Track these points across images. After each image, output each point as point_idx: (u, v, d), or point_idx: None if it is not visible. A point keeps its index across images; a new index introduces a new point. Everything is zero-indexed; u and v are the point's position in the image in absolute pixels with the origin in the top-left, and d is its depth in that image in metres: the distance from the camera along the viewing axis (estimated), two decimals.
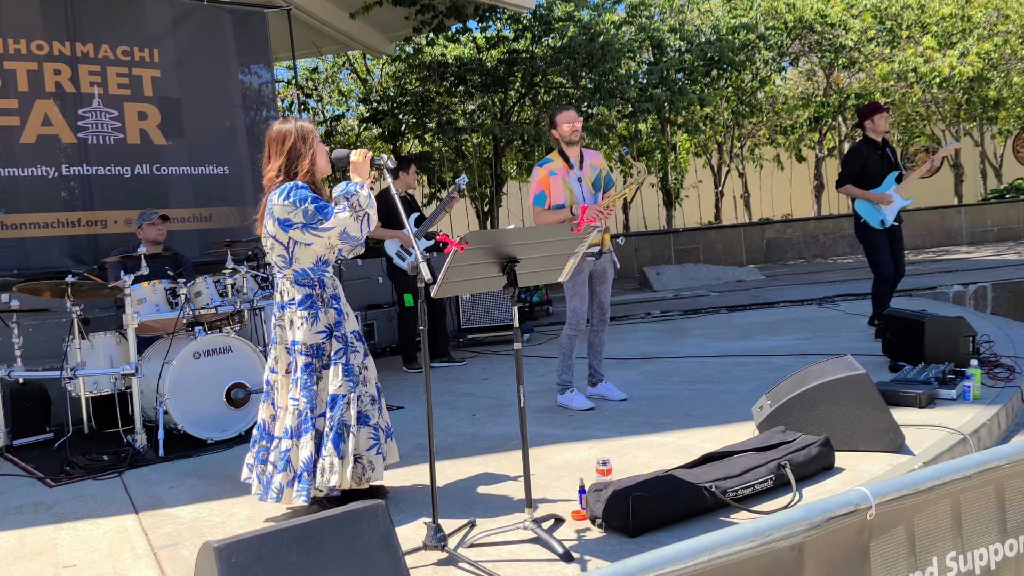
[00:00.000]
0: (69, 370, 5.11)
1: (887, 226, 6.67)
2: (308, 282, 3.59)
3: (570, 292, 5.24)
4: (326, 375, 3.57)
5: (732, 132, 19.93)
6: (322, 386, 3.56)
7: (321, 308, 3.58)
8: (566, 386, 5.33)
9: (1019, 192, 18.36)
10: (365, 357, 3.68)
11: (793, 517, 1.56)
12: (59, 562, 3.35)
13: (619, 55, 13.85)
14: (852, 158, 6.80)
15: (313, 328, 3.56)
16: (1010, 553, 1.87)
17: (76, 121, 7.35)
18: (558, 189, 5.20)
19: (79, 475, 4.59)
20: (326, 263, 3.64)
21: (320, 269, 3.62)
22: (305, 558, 2.21)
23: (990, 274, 10.86)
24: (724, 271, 13.77)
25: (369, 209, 3.54)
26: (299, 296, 3.59)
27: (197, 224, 8.07)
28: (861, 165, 6.71)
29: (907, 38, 16.55)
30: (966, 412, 4.38)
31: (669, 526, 3.14)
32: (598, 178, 5.31)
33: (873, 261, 6.78)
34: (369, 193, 3.56)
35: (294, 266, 3.60)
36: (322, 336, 3.56)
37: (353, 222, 3.51)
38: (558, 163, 5.23)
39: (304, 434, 3.52)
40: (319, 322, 3.56)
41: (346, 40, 11.31)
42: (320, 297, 3.58)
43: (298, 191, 3.53)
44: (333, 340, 3.58)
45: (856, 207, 6.76)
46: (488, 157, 16.16)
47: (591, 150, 5.44)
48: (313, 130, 3.67)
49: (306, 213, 3.50)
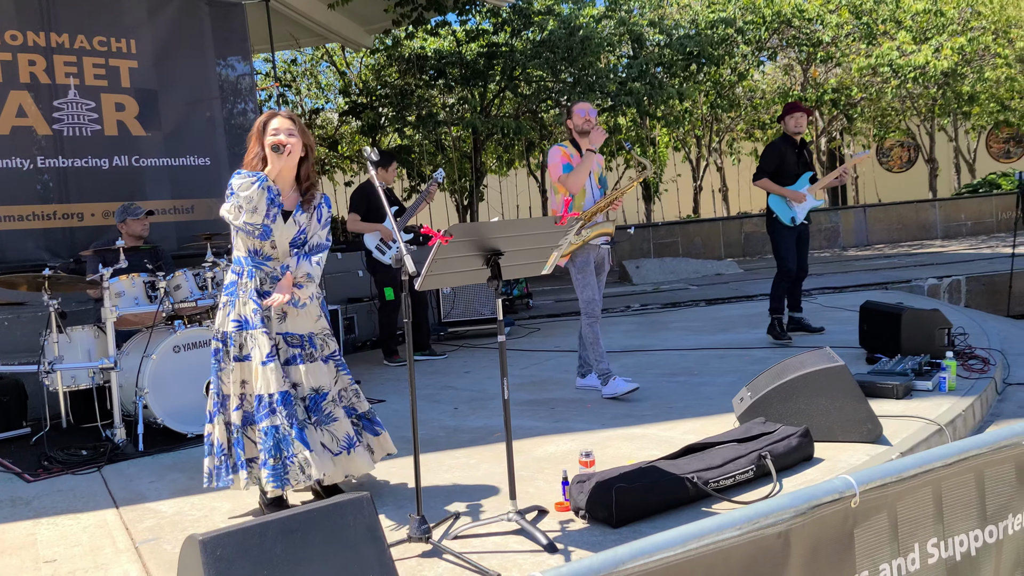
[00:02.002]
0: (46, 364, 5.05)
1: (797, 224, 6.67)
2: (238, 269, 3.55)
3: (580, 283, 5.28)
4: (238, 367, 3.48)
5: (710, 126, 20.03)
6: (234, 377, 3.49)
7: (240, 297, 3.50)
8: (606, 375, 5.23)
9: (992, 187, 18.60)
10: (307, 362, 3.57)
11: (780, 504, 1.58)
12: (39, 557, 3.32)
13: (599, 49, 13.88)
14: (770, 153, 6.79)
15: (227, 315, 3.52)
16: (989, 539, 1.90)
17: (51, 112, 7.25)
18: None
19: (57, 470, 4.54)
20: (266, 258, 3.54)
21: (253, 260, 3.53)
22: (290, 550, 2.21)
23: (964, 267, 11.01)
24: (703, 264, 13.85)
25: (244, 203, 3.37)
26: (228, 280, 3.57)
27: (176, 216, 8.00)
28: (779, 161, 6.69)
29: (883, 33, 16.71)
30: (942, 403, 4.44)
31: (652, 517, 3.17)
32: (601, 176, 5.41)
33: (779, 255, 6.77)
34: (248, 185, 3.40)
35: (233, 252, 3.60)
36: (234, 325, 3.50)
37: (234, 212, 3.41)
38: (570, 151, 5.32)
39: (213, 418, 3.53)
40: (234, 311, 3.51)
41: (325, 32, 11.24)
42: (242, 286, 3.51)
43: (236, 175, 3.49)
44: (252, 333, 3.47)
45: (769, 202, 6.74)
46: (468, 151, 16.14)
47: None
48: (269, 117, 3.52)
49: (227, 196, 3.47)
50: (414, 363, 3.38)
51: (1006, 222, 16.64)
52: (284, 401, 3.41)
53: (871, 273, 11.37)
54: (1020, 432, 2.00)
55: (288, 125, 3.53)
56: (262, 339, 3.44)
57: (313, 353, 3.62)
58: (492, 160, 19.98)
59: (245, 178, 3.43)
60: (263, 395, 3.42)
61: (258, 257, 3.54)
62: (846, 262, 13.64)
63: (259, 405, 3.43)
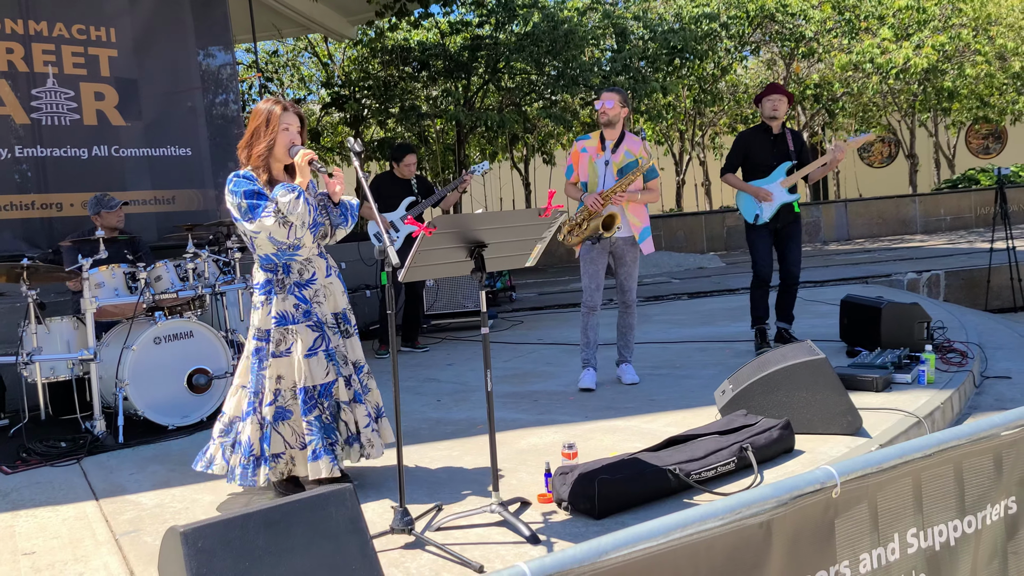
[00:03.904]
0: (25, 355, 5.00)
1: (761, 222, 5.96)
2: (271, 267, 3.56)
3: (581, 271, 5.37)
4: (275, 363, 3.51)
5: (694, 120, 20.09)
6: (270, 373, 3.51)
7: (279, 295, 3.52)
8: (585, 364, 5.38)
9: (971, 182, 18.78)
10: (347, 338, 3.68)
11: (762, 495, 1.59)
12: (17, 549, 3.29)
13: (583, 42, 13.88)
14: (735, 146, 6.12)
15: (268, 313, 3.53)
16: (968, 530, 1.93)
17: (30, 101, 7.17)
18: (584, 167, 5.30)
19: (36, 462, 4.50)
20: (295, 249, 3.56)
21: (286, 254, 3.56)
22: (273, 542, 2.20)
23: (943, 262, 11.11)
24: (685, 258, 13.90)
25: (292, 217, 3.41)
26: (261, 279, 3.58)
27: (157, 207, 7.93)
28: (744, 153, 6.03)
29: (865, 29, 16.80)
30: (921, 396, 4.48)
31: (634, 508, 3.18)
32: (628, 165, 5.21)
33: (751, 257, 6.10)
34: (293, 199, 3.41)
35: (257, 252, 3.59)
36: (274, 321, 3.52)
37: (278, 228, 3.43)
38: (593, 142, 5.30)
39: (247, 417, 3.55)
40: (273, 308, 3.52)
41: (307, 23, 11.17)
42: (280, 283, 3.54)
43: (239, 182, 3.48)
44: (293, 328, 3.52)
45: (736, 198, 6.14)
46: (451, 143, 16.10)
47: (636, 136, 5.32)
48: (279, 115, 3.52)
49: (239, 208, 3.46)
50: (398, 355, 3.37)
51: (984, 217, 16.79)
52: (325, 392, 3.54)
53: (852, 267, 11.46)
54: (998, 424, 2.02)
55: (298, 125, 3.58)
56: (305, 332, 3.51)
57: (349, 329, 3.71)
58: (476, 153, 19.95)
59: (288, 193, 3.43)
60: (308, 387, 3.50)
61: (289, 251, 3.56)
62: (827, 256, 13.73)
63: (305, 397, 3.50)
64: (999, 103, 19.27)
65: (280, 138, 3.53)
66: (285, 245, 3.52)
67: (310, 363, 3.50)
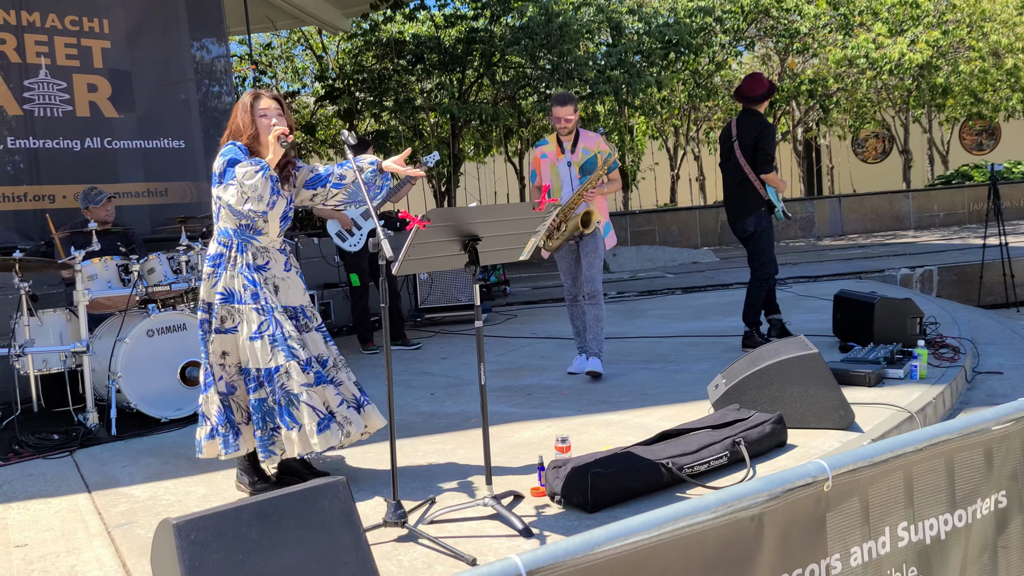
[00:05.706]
0: (17, 347, 4.99)
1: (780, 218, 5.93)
2: (226, 241, 3.55)
3: (558, 268, 5.61)
4: (218, 338, 3.51)
5: (688, 115, 20.09)
6: (214, 348, 3.53)
7: (228, 271, 3.50)
8: (580, 351, 5.60)
9: (965, 178, 18.81)
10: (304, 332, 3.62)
11: (754, 488, 1.59)
12: (9, 541, 3.29)
13: (577, 36, 13.86)
14: (773, 136, 5.86)
15: (213, 286, 3.52)
16: (959, 523, 1.94)
17: (22, 92, 7.13)
18: (546, 172, 5.39)
19: (28, 454, 4.49)
20: (256, 232, 3.54)
21: (243, 234, 3.53)
22: (265, 534, 2.20)
23: (936, 258, 11.15)
24: (679, 253, 13.92)
25: (249, 192, 3.37)
26: (213, 251, 3.57)
27: (150, 199, 7.91)
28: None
29: (859, 24, 16.82)
30: (913, 391, 4.50)
31: (627, 502, 3.19)
32: (588, 161, 5.28)
33: (768, 257, 5.90)
34: (251, 171, 3.38)
35: (218, 223, 3.59)
36: (219, 297, 3.50)
37: (237, 198, 3.40)
38: (552, 147, 5.38)
39: (207, 389, 3.57)
40: (220, 283, 3.51)
41: (302, 15, 11.13)
42: (232, 260, 3.51)
43: (231, 149, 3.51)
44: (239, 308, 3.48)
45: (771, 194, 5.83)
46: (446, 136, 16.07)
47: (590, 132, 5.38)
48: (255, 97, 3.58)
49: (218, 172, 3.50)
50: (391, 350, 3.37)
51: (977, 213, 16.83)
52: (268, 377, 3.46)
53: (845, 263, 11.48)
54: (989, 419, 2.03)
55: (276, 107, 3.59)
56: (251, 315, 3.47)
57: (308, 324, 3.68)
58: (470, 146, 19.93)
59: (249, 166, 3.41)
60: (250, 369, 3.48)
61: (249, 231, 3.55)
62: (820, 251, 13.76)
63: (247, 378, 3.50)
64: (993, 99, 19.30)
65: (261, 120, 3.55)
66: (243, 219, 3.47)
67: (254, 346, 3.46)
